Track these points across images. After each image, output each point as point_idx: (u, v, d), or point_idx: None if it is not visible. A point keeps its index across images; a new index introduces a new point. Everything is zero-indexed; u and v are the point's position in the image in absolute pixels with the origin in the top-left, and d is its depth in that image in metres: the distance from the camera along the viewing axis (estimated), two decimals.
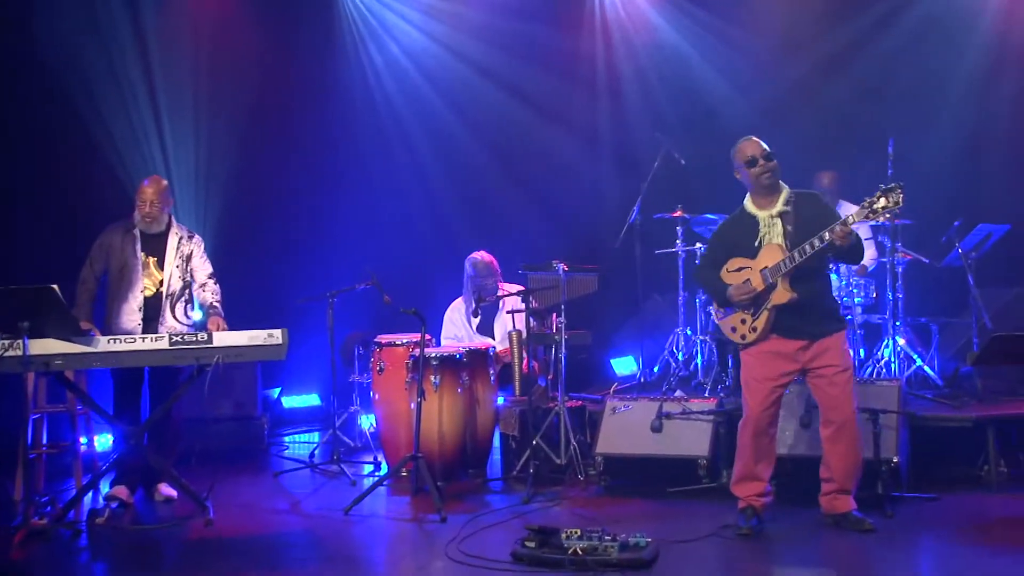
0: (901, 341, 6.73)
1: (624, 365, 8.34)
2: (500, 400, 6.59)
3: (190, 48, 8.00)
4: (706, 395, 6.46)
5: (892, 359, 6.71)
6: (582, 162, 8.78)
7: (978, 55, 7.88)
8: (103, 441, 6.85)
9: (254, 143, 8.28)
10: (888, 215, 4.70)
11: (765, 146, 4.98)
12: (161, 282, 5.88)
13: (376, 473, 6.61)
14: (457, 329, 7.11)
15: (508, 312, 6.71)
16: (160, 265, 5.90)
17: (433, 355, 6.20)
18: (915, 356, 6.75)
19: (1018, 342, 3.97)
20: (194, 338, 5.26)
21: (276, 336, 5.28)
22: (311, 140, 8.51)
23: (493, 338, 7.04)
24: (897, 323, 6.76)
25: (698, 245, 7.30)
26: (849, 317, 6.80)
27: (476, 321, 7.02)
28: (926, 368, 6.72)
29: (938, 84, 7.98)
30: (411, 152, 8.84)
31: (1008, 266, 7.06)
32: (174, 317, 5.85)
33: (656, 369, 7.63)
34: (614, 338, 8.47)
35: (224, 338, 5.29)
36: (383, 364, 6.46)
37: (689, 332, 7.49)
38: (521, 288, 6.55)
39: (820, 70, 8.27)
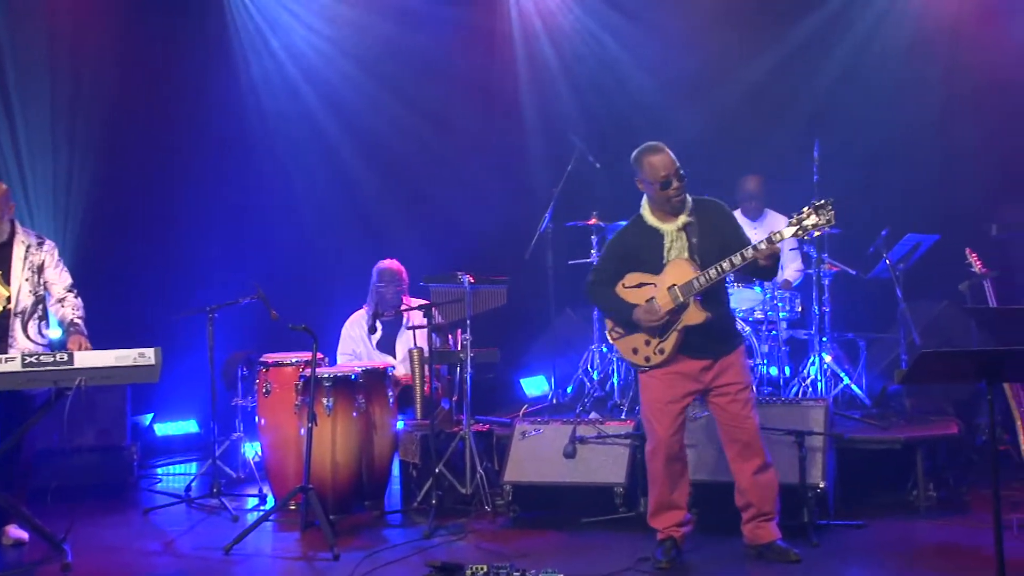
0: (828, 358, 6.92)
1: (534, 385, 8.38)
2: (400, 424, 6.55)
3: (47, 41, 7.79)
4: (623, 417, 6.53)
5: (819, 377, 6.89)
6: (489, 166, 8.80)
7: (906, 60, 8.18)
8: None
9: (123, 143, 8.10)
10: (819, 232, 4.83)
11: (676, 161, 4.97)
12: (8, 298, 5.62)
13: (261, 507, 6.51)
14: (356, 345, 7.05)
15: (408, 328, 6.68)
16: (6, 279, 5.64)
17: (325, 376, 6.13)
18: (842, 374, 6.95)
19: (947, 359, 4.10)
20: (52, 358, 5.09)
21: (148, 355, 5.16)
22: (190, 142, 8.34)
23: (394, 356, 7.01)
24: (824, 339, 6.95)
25: None
26: (774, 332, 6.97)
27: (376, 337, 6.96)
28: (853, 387, 6.92)
29: (865, 87, 8.25)
30: (304, 156, 8.74)
31: (937, 278, 7.30)
32: (27, 337, 5.60)
33: (569, 389, 7.70)
34: (524, 356, 8.51)
35: (87, 358, 5.14)
36: (270, 386, 6.36)
37: (605, 349, 7.56)
38: (423, 302, 6.53)
39: (745, 72, 8.47)
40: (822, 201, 4.75)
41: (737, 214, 7.21)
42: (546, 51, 9.04)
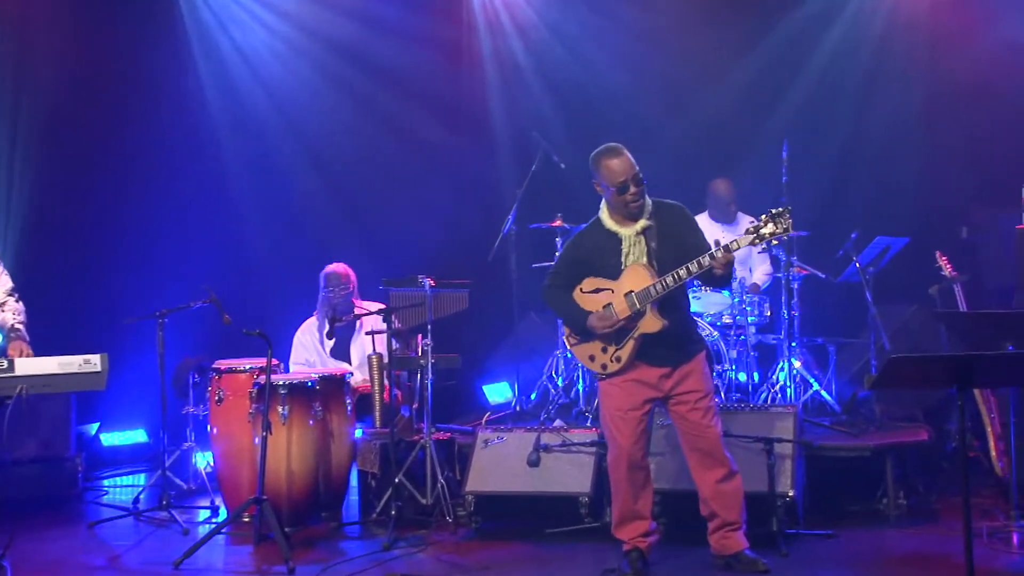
0: (797, 363, 6.98)
1: (497, 392, 8.38)
2: (358, 433, 6.52)
3: None
4: (588, 425, 6.55)
5: (788, 383, 6.95)
6: (450, 167, 8.80)
7: (877, 61, 8.28)
8: None
9: (67, 143, 8.01)
10: (776, 241, 4.86)
11: (635, 165, 4.96)
12: None
13: (213, 520, 6.46)
14: (308, 353, 7.02)
15: (367, 333, 6.66)
16: None
17: (281, 383, 6.11)
18: (811, 380, 7.02)
19: (916, 364, 4.16)
20: None
21: (94, 362, 5.10)
22: (138, 142, 8.25)
23: (349, 363, 6.98)
24: (793, 344, 7.01)
25: None
26: (742, 337, 7.02)
27: (330, 344, 6.94)
28: (823, 393, 6.99)
29: (835, 88, 8.35)
30: (259, 155, 8.67)
31: (907, 282, 7.40)
32: None
33: (533, 396, 7.70)
34: (486, 362, 8.51)
35: (29, 365, 5.08)
36: (222, 393, 6.33)
37: (569, 355, 7.57)
38: (382, 306, 6.51)
39: (712, 71, 8.54)
40: (779, 209, 4.77)
41: (704, 218, 7.30)
42: (512, 47, 9.03)
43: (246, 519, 5.99)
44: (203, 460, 7.19)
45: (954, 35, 7.97)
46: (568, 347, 5.32)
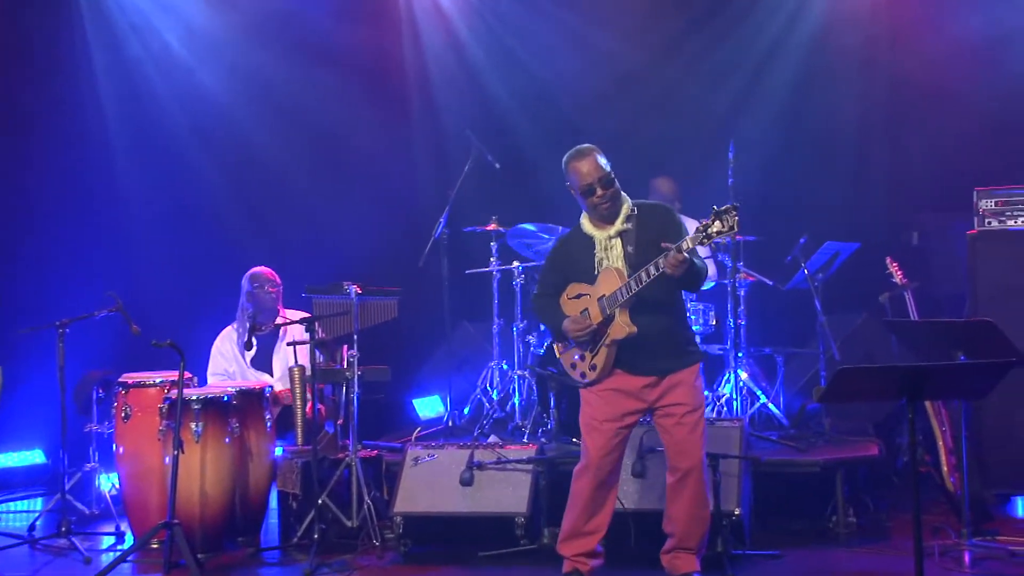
0: (744, 375, 7.10)
1: (428, 406, 8.40)
2: (278, 451, 6.50)
3: None
4: (524, 440, 6.61)
5: (734, 395, 7.06)
6: (378, 166, 8.78)
7: (827, 61, 8.44)
8: None
9: None
10: (724, 239, 4.96)
11: (605, 166, 5.05)
12: None
13: (118, 547, 6.40)
14: (228, 363, 6.98)
15: (289, 344, 6.64)
16: None
17: (194, 397, 6.06)
18: (759, 392, 7.13)
19: (865, 376, 4.26)
20: None
21: None
22: (39, 138, 8.14)
23: (271, 374, 6.95)
24: (739, 354, 7.13)
25: (515, 263, 7.45)
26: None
27: (250, 354, 6.90)
28: (771, 406, 7.12)
29: (782, 87, 8.48)
30: (170, 153, 8.54)
31: (857, 289, 7.56)
32: None
33: (466, 410, 7.73)
34: (417, 374, 8.53)
35: None
36: (129, 409, 6.27)
37: (505, 366, 7.62)
38: (305, 314, 6.49)
39: (655, 67, 8.63)
40: (725, 206, 4.85)
41: None
42: (448, 34, 8.97)
43: (155, 545, 5.94)
44: (107, 482, 7.09)
45: (908, 38, 8.14)
46: (557, 356, 5.39)
